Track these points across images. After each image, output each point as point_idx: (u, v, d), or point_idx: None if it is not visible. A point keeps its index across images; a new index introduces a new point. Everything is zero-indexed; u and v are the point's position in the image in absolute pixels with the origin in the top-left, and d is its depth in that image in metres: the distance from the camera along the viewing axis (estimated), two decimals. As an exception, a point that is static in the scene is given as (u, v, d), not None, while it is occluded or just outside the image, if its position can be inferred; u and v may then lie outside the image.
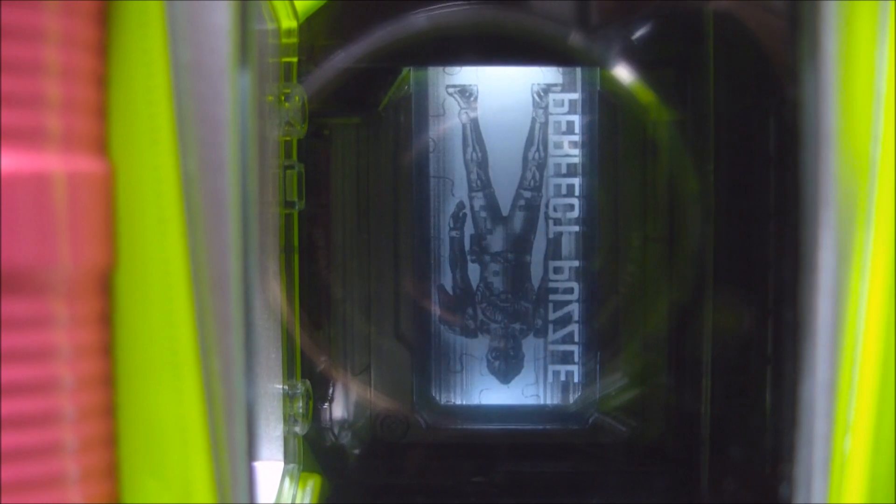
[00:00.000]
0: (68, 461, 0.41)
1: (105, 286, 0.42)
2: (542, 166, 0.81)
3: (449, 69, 0.80)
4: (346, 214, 0.80)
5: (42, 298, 0.40)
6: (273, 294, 0.66)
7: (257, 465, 0.46)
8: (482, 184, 0.81)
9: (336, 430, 0.80)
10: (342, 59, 0.75)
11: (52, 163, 0.40)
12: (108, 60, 0.42)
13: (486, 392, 0.82)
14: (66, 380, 0.41)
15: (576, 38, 0.76)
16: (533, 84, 0.81)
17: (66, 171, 0.41)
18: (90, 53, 0.42)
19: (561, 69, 0.80)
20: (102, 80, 0.42)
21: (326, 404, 0.80)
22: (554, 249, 0.82)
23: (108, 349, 0.42)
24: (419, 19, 0.75)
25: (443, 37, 0.76)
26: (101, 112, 0.42)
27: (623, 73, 0.78)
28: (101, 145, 0.42)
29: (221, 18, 0.43)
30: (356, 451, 0.81)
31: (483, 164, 0.81)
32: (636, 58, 0.78)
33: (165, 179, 0.42)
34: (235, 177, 0.42)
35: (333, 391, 0.81)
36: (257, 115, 0.48)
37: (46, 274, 0.40)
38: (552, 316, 0.82)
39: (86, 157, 0.42)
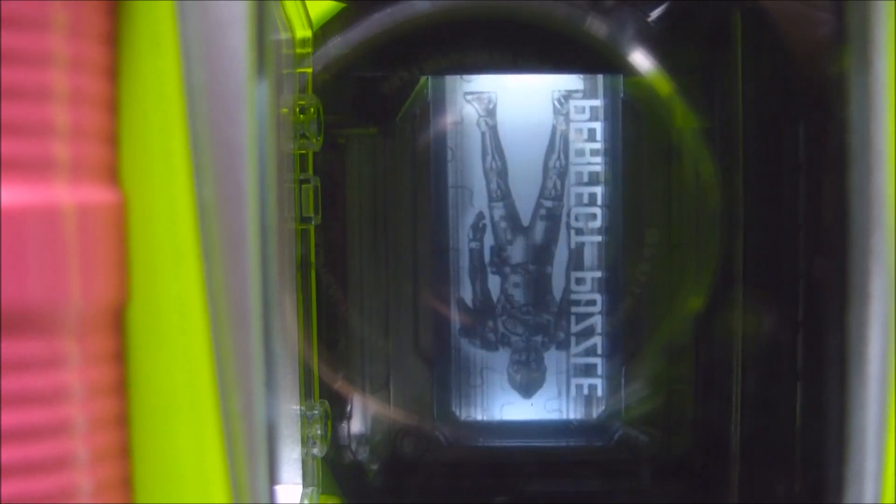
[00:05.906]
0: (82, 506, 0.39)
1: (118, 323, 0.40)
2: (563, 175, 0.79)
3: (467, 76, 0.78)
4: (362, 227, 0.78)
5: (52, 338, 0.38)
6: (289, 313, 0.64)
7: (276, 488, 0.44)
8: (502, 193, 0.79)
9: (355, 449, 0.78)
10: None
11: (60, 194, 0.38)
12: (118, 84, 0.40)
13: (508, 407, 0.80)
14: (79, 421, 0.39)
15: (595, 25, 0.73)
16: (553, 91, 0.78)
17: (76, 203, 0.39)
18: (100, 77, 0.40)
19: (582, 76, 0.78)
20: (113, 106, 0.40)
21: (345, 422, 0.78)
22: (576, 260, 0.79)
23: (122, 388, 0.40)
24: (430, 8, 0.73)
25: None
26: (112, 139, 0.40)
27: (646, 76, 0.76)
28: (113, 174, 0.40)
29: (237, 38, 0.40)
30: (376, 470, 0.79)
31: (503, 173, 0.79)
32: (661, 63, 0.75)
33: (180, 209, 0.40)
34: (254, 205, 0.40)
35: (352, 409, 0.79)
36: (275, 134, 0.46)
37: (56, 312, 0.38)
38: (575, 328, 0.80)
39: (96, 186, 0.40)
